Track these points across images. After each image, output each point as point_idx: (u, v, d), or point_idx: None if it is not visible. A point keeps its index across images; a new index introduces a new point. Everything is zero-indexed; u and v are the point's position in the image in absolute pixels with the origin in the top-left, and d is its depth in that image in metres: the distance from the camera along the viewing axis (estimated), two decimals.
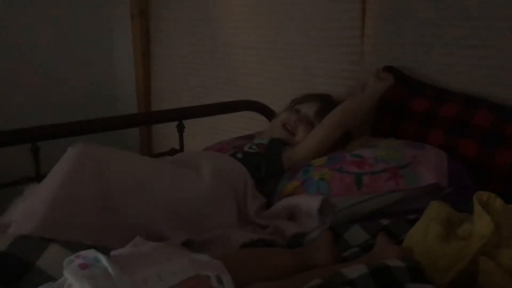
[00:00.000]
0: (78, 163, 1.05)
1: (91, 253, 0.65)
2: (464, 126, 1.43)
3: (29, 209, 0.97)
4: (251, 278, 0.85)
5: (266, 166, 1.38)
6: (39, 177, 1.42)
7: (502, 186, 1.35)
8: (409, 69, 1.65)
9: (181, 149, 1.85)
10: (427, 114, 1.52)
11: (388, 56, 1.70)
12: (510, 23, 1.40)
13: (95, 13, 2.73)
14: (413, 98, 1.57)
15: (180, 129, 1.79)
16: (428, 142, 1.46)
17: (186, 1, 2.45)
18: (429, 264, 0.88)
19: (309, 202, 1.12)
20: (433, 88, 1.56)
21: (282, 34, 2.05)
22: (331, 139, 1.46)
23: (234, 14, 2.23)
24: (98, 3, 2.73)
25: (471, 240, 0.87)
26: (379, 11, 1.71)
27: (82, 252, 0.66)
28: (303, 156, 1.43)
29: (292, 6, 1.98)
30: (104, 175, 1.05)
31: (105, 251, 0.75)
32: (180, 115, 1.78)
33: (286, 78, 2.06)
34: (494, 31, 1.43)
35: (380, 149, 1.40)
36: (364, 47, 1.77)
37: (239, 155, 1.38)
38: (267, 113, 1.91)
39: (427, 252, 0.90)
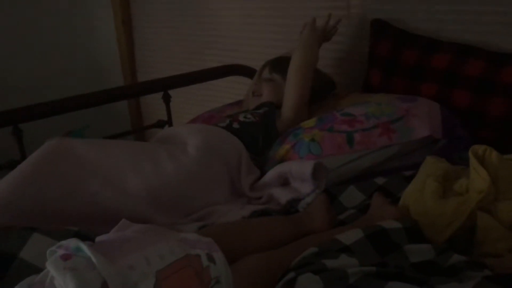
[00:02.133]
0: (51, 155, 1.02)
1: (73, 243, 0.62)
2: (456, 76, 1.39)
3: None
4: (247, 250, 0.83)
5: (263, 136, 1.35)
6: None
7: (497, 134, 1.33)
8: (398, 20, 1.59)
9: (169, 120, 1.80)
10: (418, 66, 1.48)
11: (376, 8, 1.64)
12: None
13: None
14: (403, 51, 1.52)
15: (166, 99, 1.74)
16: (421, 95, 1.43)
17: None
18: (426, 223, 0.87)
19: (302, 167, 1.09)
20: (423, 38, 1.51)
21: None
22: (303, 86, 1.45)
23: None
24: None
25: (468, 196, 0.85)
26: None
27: (64, 242, 0.63)
28: (289, 114, 1.43)
29: None
30: (80, 166, 1.02)
31: (90, 237, 0.73)
32: (165, 85, 1.72)
33: (270, 38, 2.00)
34: None
35: (370, 105, 1.36)
36: (351, 1, 1.70)
37: (236, 125, 1.34)
38: (253, 75, 1.86)
39: (424, 211, 0.88)
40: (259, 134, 1.34)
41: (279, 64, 1.55)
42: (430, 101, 1.38)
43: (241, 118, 1.38)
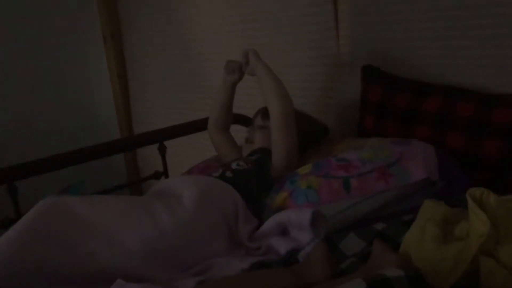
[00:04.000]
0: (46, 215, 1.01)
1: None
2: (448, 118, 1.41)
3: None
4: None
5: (257, 183, 1.34)
6: (20, 218, 1.36)
7: (493, 175, 1.33)
8: (387, 66, 1.63)
9: (165, 171, 1.80)
10: (410, 110, 1.50)
11: (365, 54, 1.68)
12: (487, 10, 1.38)
13: (68, 38, 2.67)
14: (394, 96, 1.55)
15: (162, 150, 1.75)
16: (415, 138, 1.44)
17: (157, 20, 2.42)
18: (428, 269, 0.85)
19: (300, 216, 1.09)
20: (413, 83, 1.54)
21: (257, 44, 2.00)
22: (289, 133, 1.43)
23: (207, 27, 2.19)
24: (69, 28, 2.67)
25: (469, 240, 0.84)
26: (352, 10, 1.69)
27: None
28: (281, 163, 1.43)
29: (263, 13, 1.95)
30: (76, 225, 1.01)
31: None
32: (160, 137, 1.73)
33: None
34: (471, 19, 1.42)
35: (365, 150, 1.37)
36: (340, 49, 1.75)
37: (229, 174, 1.34)
38: (249, 124, 1.87)
39: (425, 257, 0.86)
40: (253, 181, 1.34)
41: (266, 110, 1.56)
42: (424, 143, 1.39)
43: (233, 166, 1.38)
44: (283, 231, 1.15)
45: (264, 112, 1.59)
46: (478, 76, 1.44)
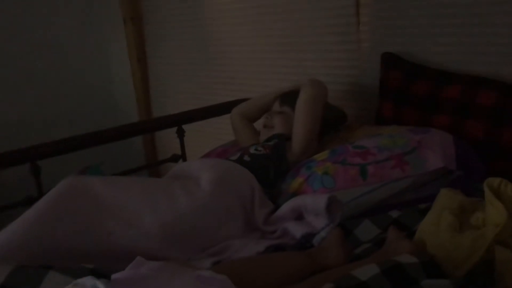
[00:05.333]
0: (67, 194, 1.04)
1: (90, 281, 0.63)
2: (468, 106, 1.40)
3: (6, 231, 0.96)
4: (263, 286, 0.83)
5: (274, 168, 1.35)
6: (42, 196, 1.40)
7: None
8: (408, 53, 1.61)
9: (183, 155, 1.82)
10: (429, 97, 1.49)
11: (385, 42, 1.67)
12: None
13: (87, 21, 2.70)
14: (414, 83, 1.53)
15: (180, 134, 1.77)
16: (433, 126, 1.43)
17: (178, 3, 2.42)
18: (443, 257, 0.85)
19: (316, 201, 1.09)
20: (434, 70, 1.52)
21: (275, 28, 2.01)
22: (311, 121, 1.46)
23: (226, 11, 2.19)
24: (90, 11, 2.70)
25: (485, 230, 0.84)
26: None
27: (80, 280, 0.63)
28: (298, 148, 1.44)
29: None
30: (96, 205, 1.03)
31: (106, 275, 0.73)
32: (179, 121, 1.75)
33: (282, 72, 2.03)
34: (494, 6, 1.39)
35: (383, 137, 1.37)
36: (361, 35, 1.73)
37: (247, 158, 1.35)
38: None
39: (440, 245, 0.87)
40: (270, 166, 1.35)
41: (289, 97, 1.57)
42: (442, 132, 1.38)
43: (251, 150, 1.39)
44: (299, 216, 1.16)
45: (283, 98, 1.59)
46: (498, 65, 1.41)
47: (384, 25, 1.66)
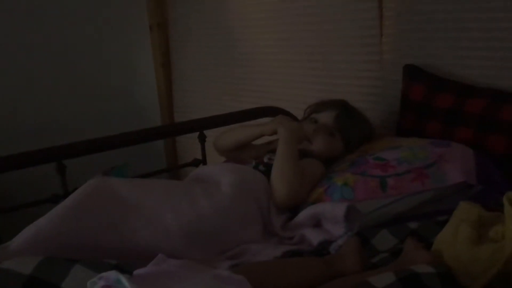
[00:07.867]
0: (94, 193, 1.07)
1: (113, 275, 0.65)
2: (491, 121, 1.39)
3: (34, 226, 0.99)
4: None
5: None
6: (67, 195, 1.44)
7: None
8: (430, 66, 1.61)
9: (204, 159, 1.85)
10: (452, 110, 1.48)
11: (408, 54, 1.67)
12: None
13: (113, 26, 2.76)
14: (436, 96, 1.54)
15: (202, 139, 1.79)
16: (455, 139, 1.43)
17: (204, 10, 2.46)
18: (460, 269, 0.85)
19: (335, 209, 1.10)
20: (457, 84, 1.52)
21: (301, 38, 2.03)
22: (292, 168, 1.30)
23: (252, 20, 2.22)
24: (117, 16, 2.76)
25: (503, 243, 0.84)
26: (397, 8, 1.68)
27: (105, 274, 0.66)
28: (284, 199, 1.27)
29: (309, 9, 1.97)
30: (121, 204, 1.07)
31: (129, 270, 0.75)
32: (201, 126, 1.78)
33: (306, 81, 2.05)
34: None
35: (403, 149, 1.37)
36: (383, 46, 1.74)
37: (261, 168, 1.37)
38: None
39: (457, 257, 0.87)
40: None
41: (343, 118, 1.49)
42: (463, 146, 1.37)
43: (265, 159, 1.42)
44: (317, 223, 1.17)
45: (338, 116, 1.50)
46: None
47: (407, 38, 1.67)
